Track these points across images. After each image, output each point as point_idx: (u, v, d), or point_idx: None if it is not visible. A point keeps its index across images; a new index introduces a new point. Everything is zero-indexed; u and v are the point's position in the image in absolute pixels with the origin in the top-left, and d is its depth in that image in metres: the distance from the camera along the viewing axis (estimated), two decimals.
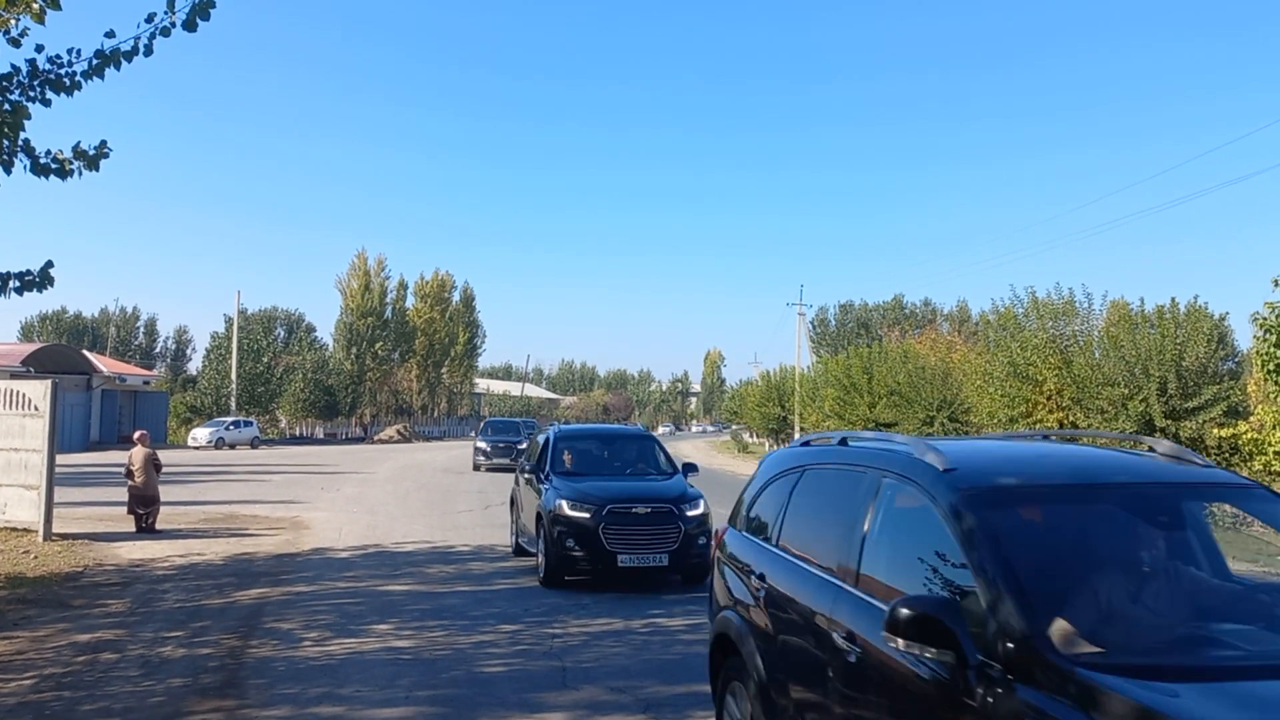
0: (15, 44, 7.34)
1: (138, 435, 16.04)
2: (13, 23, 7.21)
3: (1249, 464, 19.26)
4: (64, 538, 13.60)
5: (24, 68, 7.35)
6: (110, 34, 7.28)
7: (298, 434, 70.33)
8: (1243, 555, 3.93)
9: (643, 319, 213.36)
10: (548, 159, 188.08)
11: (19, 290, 7.75)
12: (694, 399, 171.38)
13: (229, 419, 53.44)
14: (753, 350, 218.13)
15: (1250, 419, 18.40)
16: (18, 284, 7.74)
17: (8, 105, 7.25)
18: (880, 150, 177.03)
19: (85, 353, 52.03)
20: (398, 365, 79.85)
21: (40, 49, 7.37)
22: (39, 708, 6.10)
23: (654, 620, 9.06)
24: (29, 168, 7.48)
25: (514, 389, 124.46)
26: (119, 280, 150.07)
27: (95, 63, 7.31)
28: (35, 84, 7.37)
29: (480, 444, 33.18)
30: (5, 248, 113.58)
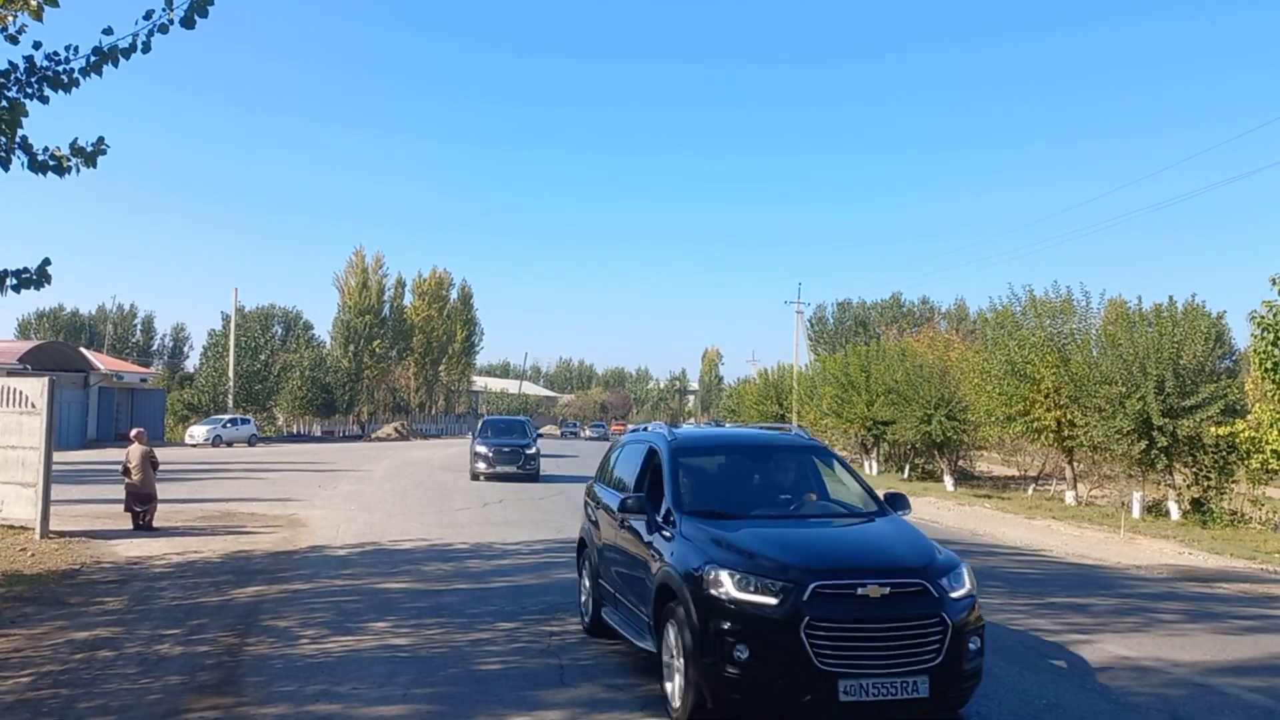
0: (13, 41, 7.31)
1: (135, 433, 16.03)
2: (10, 20, 7.19)
3: (1247, 462, 19.29)
4: (61, 535, 13.59)
5: (22, 65, 7.33)
6: (108, 31, 7.26)
7: (295, 432, 70.27)
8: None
9: (641, 317, 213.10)
10: (547, 159, 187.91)
11: (16, 288, 7.71)
12: (692, 397, 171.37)
13: (226, 416, 53.42)
14: (751, 348, 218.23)
15: (1248, 417, 18.41)
16: (15, 282, 7.70)
17: (5, 102, 7.23)
18: (879, 149, 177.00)
19: (82, 350, 51.97)
20: (395, 363, 79.83)
21: (38, 46, 7.35)
22: (36, 705, 6.10)
23: None
24: (26, 165, 7.45)
25: (511, 386, 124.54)
26: (116, 277, 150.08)
27: (93, 60, 7.29)
28: (33, 81, 7.35)
29: (479, 447, 27.24)
30: (2, 245, 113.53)
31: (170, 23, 7.18)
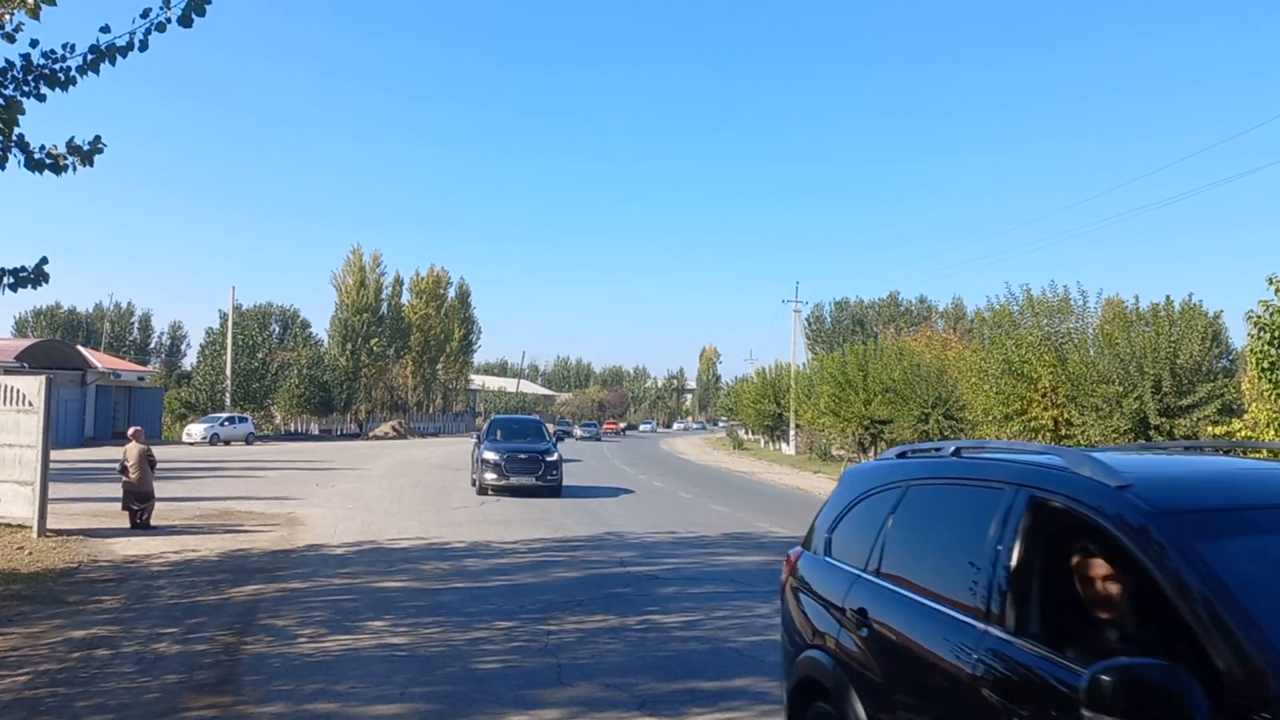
0: (10, 39, 7.30)
1: (132, 431, 16.02)
2: (7, 18, 7.18)
3: None
4: (58, 534, 13.57)
5: (19, 63, 7.32)
6: (106, 29, 7.25)
7: (293, 430, 70.18)
8: None
9: (638, 316, 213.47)
10: (544, 156, 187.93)
11: (13, 286, 7.71)
12: (689, 395, 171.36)
13: (224, 415, 53.36)
14: (748, 347, 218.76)
15: (1244, 417, 18.43)
16: (12, 280, 7.70)
17: (2, 100, 7.23)
18: (877, 148, 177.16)
19: (80, 348, 51.87)
20: (393, 361, 79.73)
21: (35, 44, 7.34)
22: (33, 704, 6.09)
23: (649, 617, 9.07)
24: (23, 163, 7.44)
25: (509, 385, 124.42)
26: (114, 276, 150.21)
27: (90, 58, 7.28)
28: (30, 79, 7.34)
29: (488, 454, 21.88)
30: (0, 243, 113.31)
31: (168, 21, 7.17)
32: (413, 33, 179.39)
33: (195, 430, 49.43)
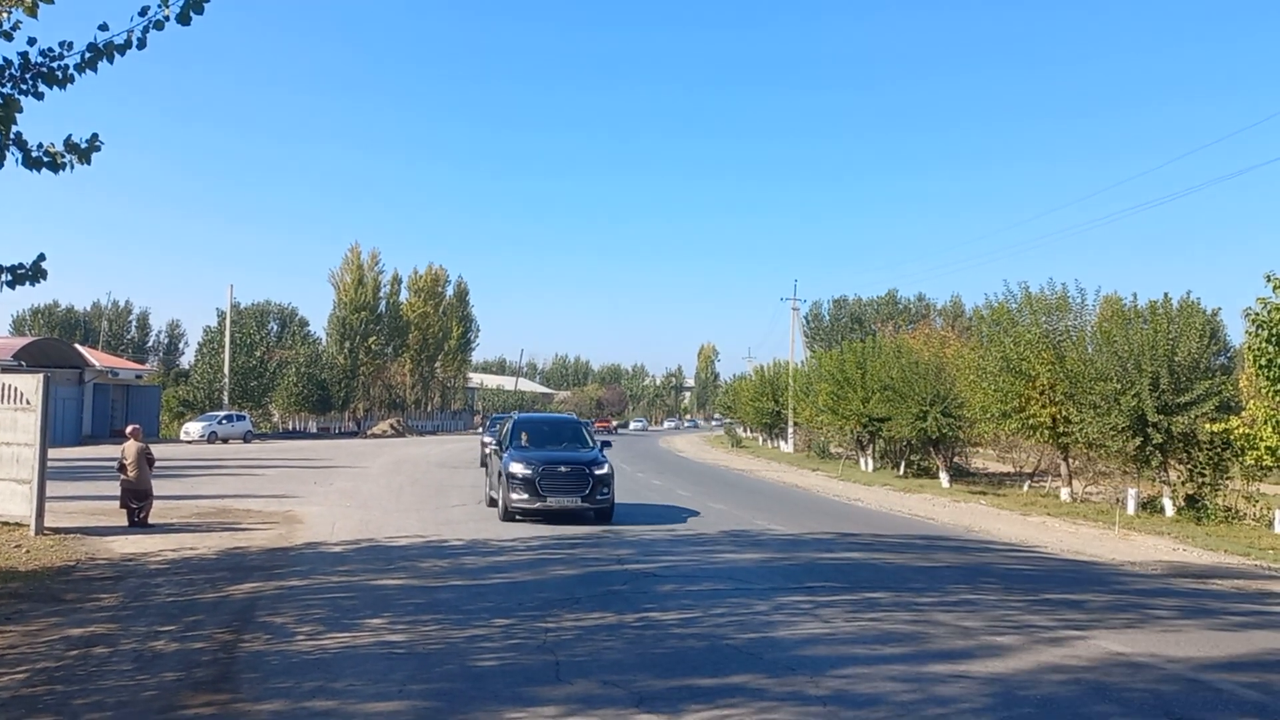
0: (7, 37, 7.28)
1: (130, 429, 16.00)
2: (5, 16, 7.17)
3: (1241, 459, 19.35)
4: (56, 532, 13.57)
5: (16, 60, 7.30)
6: (104, 27, 7.23)
7: (291, 428, 70.20)
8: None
9: (637, 314, 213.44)
10: (542, 154, 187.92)
11: (11, 284, 7.68)
12: (688, 394, 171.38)
13: (222, 413, 53.38)
14: (747, 345, 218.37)
15: (1242, 414, 18.47)
16: (10, 278, 7.67)
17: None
18: (876, 147, 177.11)
19: (77, 347, 51.87)
20: (391, 359, 79.74)
21: (32, 42, 7.32)
22: (31, 702, 6.09)
23: (647, 614, 9.07)
24: (21, 161, 7.42)
25: (508, 383, 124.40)
26: (111, 274, 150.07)
27: (88, 55, 7.26)
28: (27, 77, 7.32)
29: (515, 466, 16.56)
30: None
31: (166, 20, 7.15)
32: (413, 43, 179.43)
33: (193, 428, 49.43)
